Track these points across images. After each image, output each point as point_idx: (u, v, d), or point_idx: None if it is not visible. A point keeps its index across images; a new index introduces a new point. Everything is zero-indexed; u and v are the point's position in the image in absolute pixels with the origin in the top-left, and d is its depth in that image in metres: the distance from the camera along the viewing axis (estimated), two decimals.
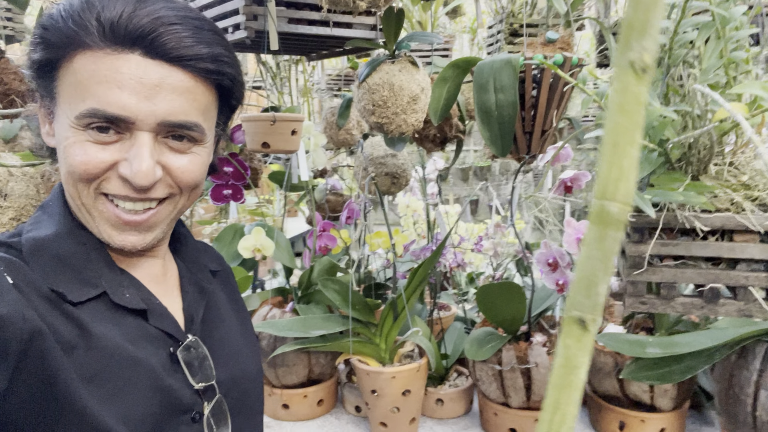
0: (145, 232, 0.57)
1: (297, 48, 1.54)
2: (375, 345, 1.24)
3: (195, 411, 0.60)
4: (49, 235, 0.57)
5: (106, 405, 0.52)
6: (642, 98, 0.14)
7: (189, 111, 0.54)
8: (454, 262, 1.42)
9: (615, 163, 0.14)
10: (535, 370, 1.16)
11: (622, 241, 0.72)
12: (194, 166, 0.57)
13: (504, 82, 0.94)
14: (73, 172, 0.53)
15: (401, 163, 1.42)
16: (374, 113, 0.99)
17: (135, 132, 0.53)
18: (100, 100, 0.51)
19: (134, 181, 0.52)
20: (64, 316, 0.53)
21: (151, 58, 0.52)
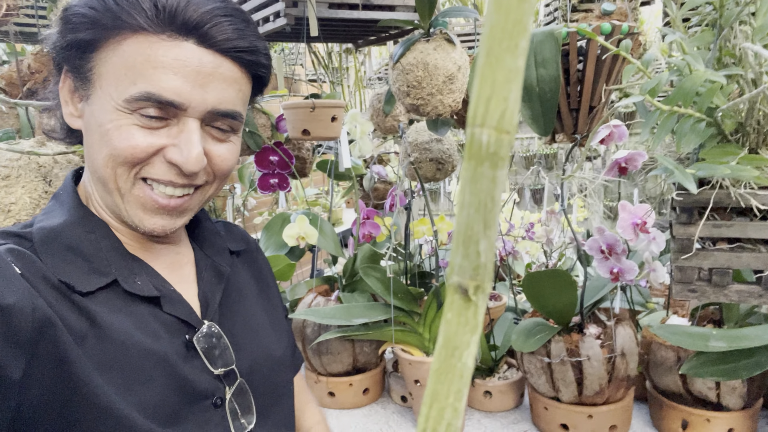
0: (176, 216, 0.58)
1: (341, 35, 1.53)
2: (418, 334, 1.21)
3: (216, 396, 0.59)
4: (59, 224, 0.57)
5: (121, 394, 0.52)
6: None
7: (235, 101, 0.56)
8: (504, 251, 1.36)
9: (487, 76, 0.11)
10: (587, 363, 1.09)
11: (673, 222, 0.66)
12: (231, 155, 0.59)
13: (545, 55, 0.88)
14: (117, 156, 0.53)
15: (447, 148, 1.37)
16: (409, 94, 0.96)
17: (183, 118, 0.54)
18: (155, 85, 0.51)
19: (185, 166, 0.53)
20: (74, 307, 0.53)
21: (204, 47, 0.53)
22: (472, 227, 0.11)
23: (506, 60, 0.11)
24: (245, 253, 0.75)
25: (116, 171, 0.54)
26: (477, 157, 0.11)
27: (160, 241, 0.63)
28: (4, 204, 0.78)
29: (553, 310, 1.13)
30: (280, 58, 1.63)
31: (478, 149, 0.11)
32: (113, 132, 0.53)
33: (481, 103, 0.11)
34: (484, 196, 0.11)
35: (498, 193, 0.11)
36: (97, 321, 0.53)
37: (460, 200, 0.12)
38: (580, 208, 2.55)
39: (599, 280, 1.23)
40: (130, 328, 0.55)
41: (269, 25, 1.30)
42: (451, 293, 0.12)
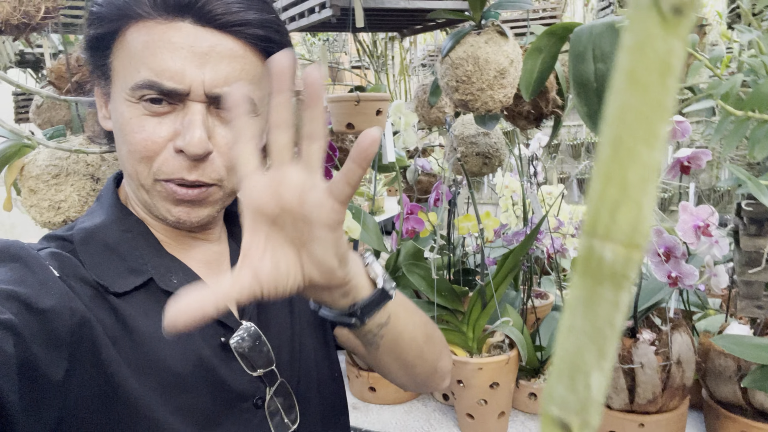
0: (198, 207, 0.56)
1: (387, 24, 1.50)
2: (462, 333, 1.18)
3: (256, 397, 0.59)
4: (97, 225, 0.57)
5: (158, 397, 0.52)
6: (672, 60, 0.08)
7: (238, 80, 0.53)
8: (552, 248, 1.31)
9: (614, 174, 0.08)
10: (640, 371, 1.04)
11: (740, 233, 0.61)
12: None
13: (605, 49, 0.83)
14: (134, 152, 0.53)
15: (494, 142, 1.33)
16: (458, 90, 0.92)
17: (188, 102, 0.52)
18: (155, 71, 0.51)
19: (188, 150, 0.52)
20: (110, 308, 0.53)
21: (201, 25, 0.51)
22: (582, 356, 0.09)
23: (641, 154, 0.08)
24: None
25: (137, 169, 0.54)
26: (596, 276, 0.09)
27: (196, 237, 0.62)
28: (54, 201, 0.79)
29: None
30: (324, 47, 1.61)
31: (597, 266, 0.08)
32: (126, 126, 0.53)
33: (605, 210, 0.08)
34: (601, 322, 0.09)
35: (620, 318, 0.09)
36: (132, 323, 0.53)
37: (568, 322, 0.09)
38: None
39: (654, 282, 1.17)
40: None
41: (314, 16, 1.28)
42: (549, 427, 0.10)
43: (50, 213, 0.79)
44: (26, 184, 0.78)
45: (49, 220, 0.79)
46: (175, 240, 0.61)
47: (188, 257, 0.61)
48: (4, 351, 0.42)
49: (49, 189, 0.78)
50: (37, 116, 1.44)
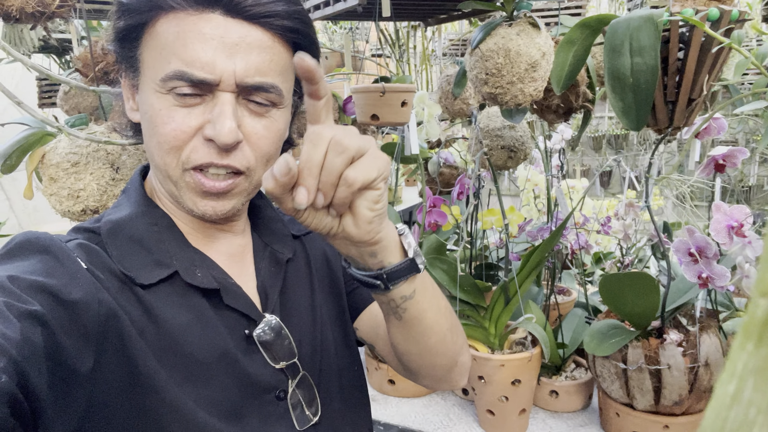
0: (224, 200, 0.56)
1: (412, 13, 1.47)
2: (484, 329, 1.17)
3: (279, 389, 0.59)
4: (124, 217, 0.58)
5: (182, 389, 0.52)
6: None
7: (266, 71, 0.53)
8: (577, 244, 1.29)
9: None
10: (667, 372, 1.02)
11: None
12: (270, 133, 0.56)
13: (643, 42, 0.80)
14: (163, 143, 0.54)
15: (520, 135, 1.31)
16: (487, 83, 0.90)
17: (217, 93, 0.52)
18: (185, 61, 0.51)
19: (218, 139, 0.52)
20: (136, 300, 0.53)
21: (231, 16, 0.52)
22: (749, 428, 0.08)
23: None
24: (314, 233, 0.72)
25: (165, 160, 0.54)
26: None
27: (220, 228, 0.62)
28: (73, 190, 0.79)
29: (631, 313, 1.06)
30: (348, 37, 1.59)
31: None
32: (155, 117, 0.53)
33: None
34: None
35: None
36: (157, 315, 0.54)
37: (733, 391, 0.08)
38: (655, 196, 2.41)
39: (683, 282, 1.15)
40: (191, 322, 0.55)
41: (340, 4, 1.26)
42: None
43: (69, 202, 0.79)
44: (47, 172, 0.78)
45: (68, 209, 0.79)
46: (200, 232, 0.61)
47: (212, 250, 0.61)
48: (32, 342, 0.42)
49: (69, 177, 0.77)
50: (64, 102, 1.45)
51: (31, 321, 0.43)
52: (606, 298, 1.07)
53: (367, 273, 0.53)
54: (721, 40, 0.67)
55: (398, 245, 0.53)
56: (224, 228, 0.63)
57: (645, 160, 3.73)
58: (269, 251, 0.66)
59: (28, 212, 2.86)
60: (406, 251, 0.53)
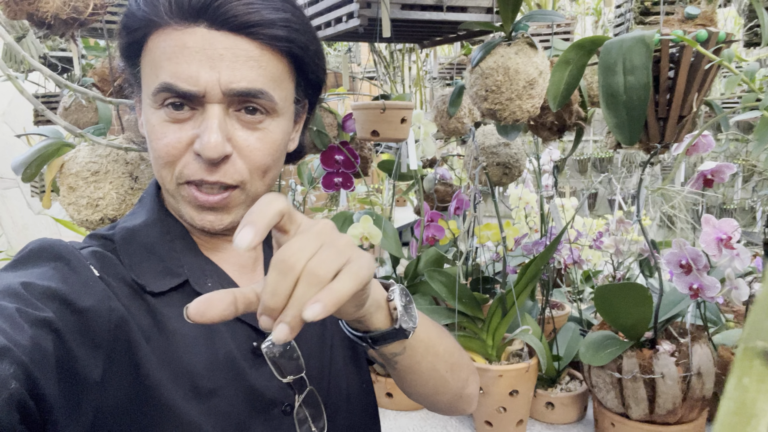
0: (222, 213, 0.56)
1: (410, 35, 1.52)
2: (481, 341, 1.19)
3: (285, 404, 0.58)
4: (138, 225, 0.59)
5: (188, 400, 0.52)
6: None
7: (254, 78, 0.53)
8: (570, 259, 1.33)
9: None
10: (660, 381, 1.05)
11: None
12: (263, 144, 0.55)
13: (635, 62, 0.85)
14: (158, 158, 0.55)
15: (514, 152, 1.35)
16: (487, 99, 0.94)
17: (206, 105, 0.53)
18: (170, 74, 0.52)
19: (204, 153, 0.52)
20: (146, 308, 0.54)
21: (216, 29, 0.52)
22: None
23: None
24: None
25: (162, 174, 0.55)
26: None
27: (229, 239, 0.62)
28: (92, 199, 0.80)
29: (624, 324, 1.09)
30: (346, 58, 1.64)
31: None
32: (151, 132, 0.54)
33: None
34: None
35: None
36: (165, 324, 0.54)
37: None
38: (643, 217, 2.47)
39: (673, 294, 1.18)
40: (198, 332, 0.55)
41: (341, 25, 1.30)
42: (747, 357, 0.11)
43: (88, 211, 0.80)
44: (65, 181, 0.80)
45: (86, 218, 0.80)
46: (210, 243, 0.62)
47: (223, 260, 0.62)
48: (43, 349, 0.43)
49: (88, 186, 0.79)
50: (64, 117, 1.46)
51: (42, 328, 0.43)
52: (600, 308, 1.10)
53: (352, 332, 0.54)
54: (712, 58, 0.72)
55: (386, 310, 0.52)
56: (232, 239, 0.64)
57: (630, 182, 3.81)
58: None
59: (18, 230, 2.85)
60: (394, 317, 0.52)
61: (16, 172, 0.80)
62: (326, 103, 1.50)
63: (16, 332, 0.42)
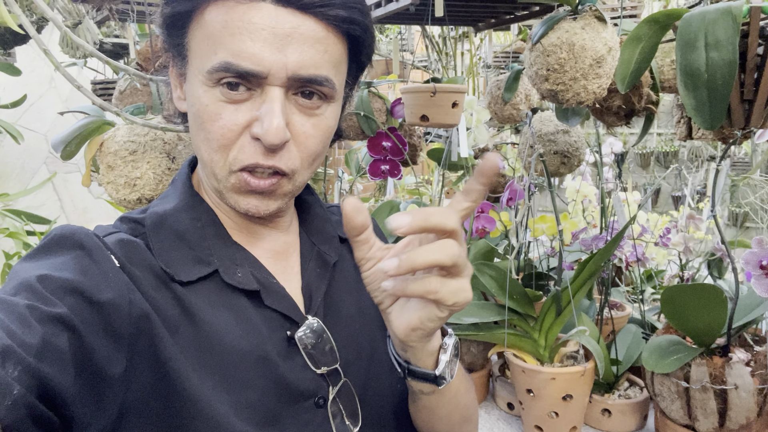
0: (269, 199, 0.54)
1: (463, 17, 1.45)
2: (533, 340, 1.12)
3: (318, 396, 0.56)
4: (169, 210, 0.56)
5: (216, 392, 0.49)
6: None
7: (320, 64, 0.50)
8: (633, 256, 1.23)
9: None
10: (733, 392, 0.95)
11: None
12: (318, 131, 0.53)
13: (719, 36, 0.76)
14: (211, 140, 0.52)
15: (574, 141, 1.26)
16: (548, 79, 0.87)
17: (266, 87, 0.50)
18: (233, 53, 0.48)
19: (265, 139, 0.49)
20: (174, 298, 0.51)
21: (282, 6, 0.49)
22: None
23: None
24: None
25: (213, 158, 0.52)
26: None
27: (265, 225, 0.60)
28: (130, 178, 0.79)
29: (694, 328, 1.00)
30: (396, 42, 1.58)
31: None
32: (202, 112, 0.51)
33: None
34: None
35: None
36: (194, 314, 0.52)
37: None
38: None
39: (750, 297, 1.07)
40: (229, 322, 0.53)
41: (392, 5, 1.25)
42: None
43: (126, 190, 0.79)
44: (104, 160, 0.79)
45: (124, 197, 0.79)
46: (244, 228, 0.60)
47: (256, 246, 0.60)
48: (56, 347, 0.41)
49: (126, 165, 0.77)
50: (119, 102, 1.48)
51: (55, 325, 0.42)
52: (668, 310, 1.00)
53: (395, 354, 0.55)
54: None
55: (433, 355, 0.53)
56: (269, 225, 0.61)
57: (697, 177, 3.59)
58: (316, 252, 0.63)
59: (78, 213, 2.95)
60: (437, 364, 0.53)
61: (56, 150, 0.79)
62: (375, 87, 1.45)
63: (25, 332, 0.40)
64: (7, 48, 1.44)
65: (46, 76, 2.79)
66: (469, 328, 1.15)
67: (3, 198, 2.19)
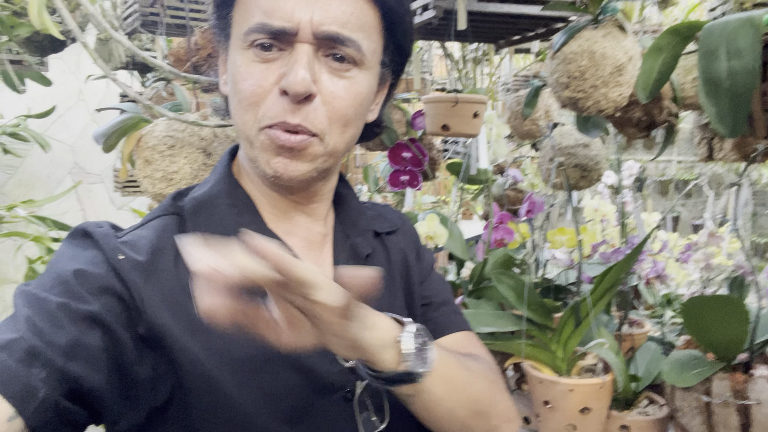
0: (298, 159, 0.54)
1: (486, 33, 1.48)
2: (550, 352, 1.11)
3: (347, 389, 0.56)
4: (206, 194, 0.58)
5: (242, 384, 0.50)
6: None
7: (346, 23, 0.52)
8: (653, 272, 1.22)
9: None
10: (756, 408, 0.93)
11: None
12: (348, 94, 0.54)
13: (740, 45, 0.76)
14: (242, 99, 0.53)
15: (594, 154, 1.27)
16: (569, 86, 0.88)
17: (296, 45, 0.52)
18: (266, 12, 0.51)
19: (290, 88, 0.50)
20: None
21: None
22: None
23: None
24: (397, 233, 0.70)
25: (244, 119, 0.54)
26: None
27: (300, 208, 0.61)
28: (167, 172, 0.81)
29: (716, 342, 0.98)
30: (418, 58, 1.61)
31: None
32: (237, 74, 0.53)
33: None
34: None
35: None
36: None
37: None
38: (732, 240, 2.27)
39: None
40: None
41: (415, 18, 1.28)
42: None
43: (162, 184, 0.81)
44: (142, 154, 0.82)
45: (160, 191, 0.82)
46: (282, 214, 0.60)
47: (291, 234, 0.60)
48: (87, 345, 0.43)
49: (164, 160, 0.80)
50: (145, 110, 1.52)
51: (87, 323, 0.44)
52: (689, 323, 0.99)
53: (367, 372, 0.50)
54: None
55: (396, 351, 0.48)
56: (305, 208, 0.61)
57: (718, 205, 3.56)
58: (350, 244, 0.63)
59: None
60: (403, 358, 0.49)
61: (98, 142, 0.83)
62: (396, 100, 1.48)
63: (55, 332, 0.42)
64: (43, 55, 1.50)
65: (75, 89, 2.87)
66: (486, 337, 1.14)
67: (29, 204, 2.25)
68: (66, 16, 0.82)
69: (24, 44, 1.39)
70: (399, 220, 0.72)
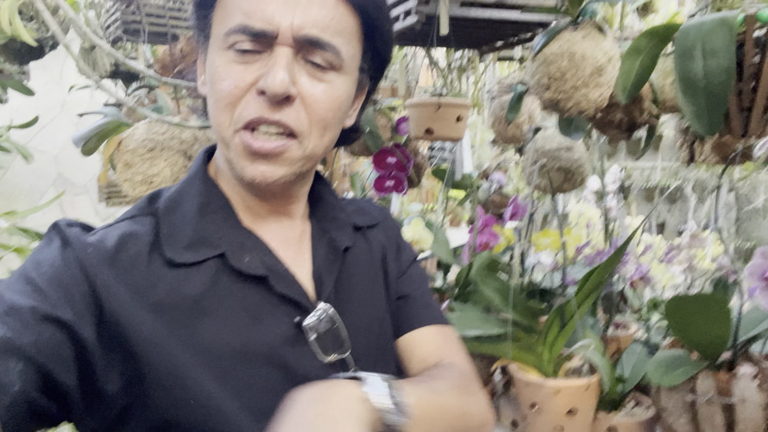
0: (275, 164, 0.54)
1: (469, 39, 1.49)
2: (536, 354, 1.11)
3: None
4: (179, 191, 0.58)
5: (218, 382, 0.49)
6: None
7: (326, 27, 0.52)
8: (638, 274, 1.23)
9: None
10: (740, 406, 0.93)
11: None
12: (327, 97, 0.54)
13: (716, 44, 0.78)
14: (219, 99, 0.53)
15: (577, 157, 1.28)
16: (549, 87, 0.89)
17: (275, 47, 0.52)
18: (247, 13, 0.51)
19: (269, 89, 0.50)
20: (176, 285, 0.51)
21: None
22: None
23: None
24: (378, 227, 0.70)
25: (220, 119, 0.54)
26: None
27: (276, 211, 0.60)
28: (147, 175, 0.81)
29: (700, 341, 0.98)
30: (403, 64, 1.62)
31: None
32: (215, 74, 0.53)
33: None
34: None
35: None
36: (198, 299, 0.52)
37: None
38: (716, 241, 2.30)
39: (755, 312, 1.06)
40: (234, 308, 0.53)
41: (398, 24, 1.29)
42: None
43: (143, 187, 0.80)
44: (122, 158, 0.81)
45: (141, 194, 0.81)
46: (257, 214, 0.59)
47: (267, 231, 0.59)
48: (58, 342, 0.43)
49: (144, 163, 0.80)
50: (128, 116, 1.51)
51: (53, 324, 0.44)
52: (673, 323, 1.00)
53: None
54: None
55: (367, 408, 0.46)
56: (281, 210, 0.60)
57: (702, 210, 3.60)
58: (327, 238, 0.63)
59: None
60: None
61: (77, 145, 0.82)
62: (381, 106, 1.48)
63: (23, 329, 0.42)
64: (22, 63, 1.49)
65: (59, 99, 2.85)
66: (473, 340, 1.14)
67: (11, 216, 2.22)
68: (48, 18, 0.82)
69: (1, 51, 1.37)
70: (380, 214, 0.71)
